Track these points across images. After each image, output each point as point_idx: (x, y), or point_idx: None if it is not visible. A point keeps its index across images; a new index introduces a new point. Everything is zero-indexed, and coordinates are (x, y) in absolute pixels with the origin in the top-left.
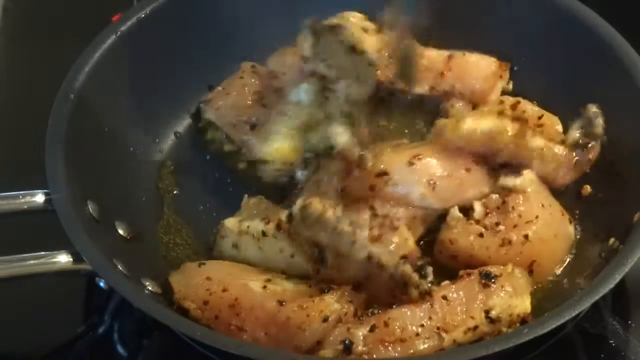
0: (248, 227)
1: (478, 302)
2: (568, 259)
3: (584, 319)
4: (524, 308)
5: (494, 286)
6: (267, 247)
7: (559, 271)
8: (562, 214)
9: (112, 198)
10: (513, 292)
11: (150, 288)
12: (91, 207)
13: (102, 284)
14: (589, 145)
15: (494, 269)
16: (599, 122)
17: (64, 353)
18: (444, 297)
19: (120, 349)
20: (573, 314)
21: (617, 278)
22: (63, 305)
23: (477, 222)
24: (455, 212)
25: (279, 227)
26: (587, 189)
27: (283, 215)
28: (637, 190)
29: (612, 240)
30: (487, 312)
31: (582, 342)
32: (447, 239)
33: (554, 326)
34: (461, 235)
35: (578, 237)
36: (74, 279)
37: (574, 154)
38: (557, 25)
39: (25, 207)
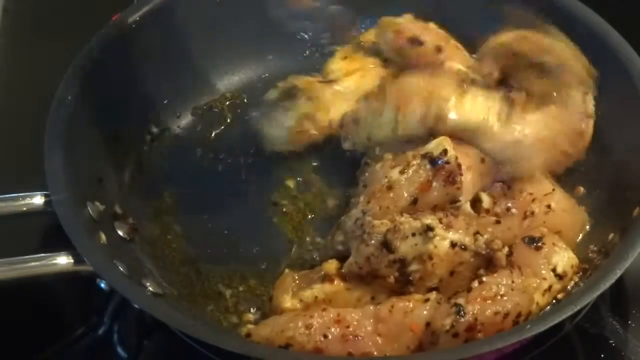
0: (316, 297)
1: (542, 264)
2: None
3: (583, 318)
4: (575, 259)
5: (546, 246)
6: (341, 300)
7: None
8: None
9: (112, 199)
10: (563, 245)
11: (151, 289)
12: (90, 208)
13: (102, 285)
14: (582, 123)
15: (531, 234)
16: (589, 99)
17: (64, 354)
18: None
19: (120, 350)
20: (575, 309)
21: (618, 273)
22: (63, 306)
23: (488, 211)
24: (467, 207)
25: (344, 278)
26: (580, 190)
27: (339, 267)
28: (636, 185)
29: (611, 235)
30: (553, 270)
31: (582, 342)
32: None
33: (556, 322)
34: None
35: None
36: (75, 280)
37: None
38: (557, 25)
39: (25, 209)
